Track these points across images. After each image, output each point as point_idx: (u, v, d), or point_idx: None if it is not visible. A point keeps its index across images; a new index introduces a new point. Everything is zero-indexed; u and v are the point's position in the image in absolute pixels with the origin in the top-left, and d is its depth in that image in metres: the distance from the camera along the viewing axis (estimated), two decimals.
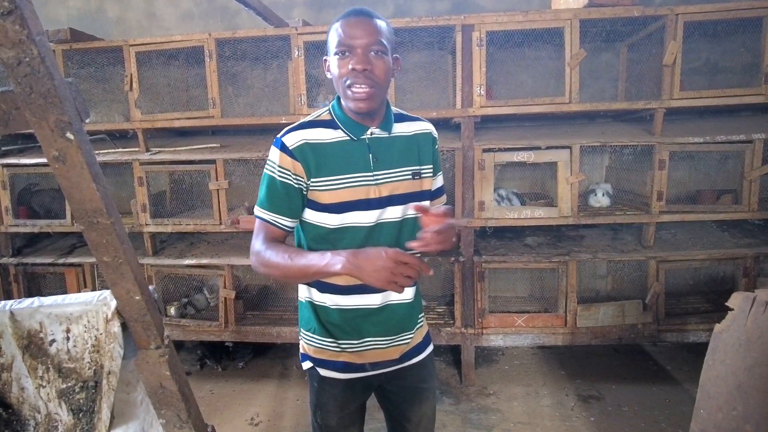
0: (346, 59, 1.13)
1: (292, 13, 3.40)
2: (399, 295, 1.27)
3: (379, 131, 1.24)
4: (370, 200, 1.20)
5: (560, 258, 2.82)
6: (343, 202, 1.19)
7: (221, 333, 3.04)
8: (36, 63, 0.76)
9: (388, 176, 1.23)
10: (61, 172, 0.85)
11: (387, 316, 1.28)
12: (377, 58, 1.14)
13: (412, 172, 1.26)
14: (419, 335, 1.38)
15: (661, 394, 2.77)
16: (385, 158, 1.23)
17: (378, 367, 1.32)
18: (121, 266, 0.96)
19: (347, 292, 1.26)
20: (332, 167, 1.19)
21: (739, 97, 2.65)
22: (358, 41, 1.12)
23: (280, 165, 1.19)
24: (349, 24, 1.13)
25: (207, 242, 3.37)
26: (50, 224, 3.12)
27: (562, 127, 3.09)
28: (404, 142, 1.27)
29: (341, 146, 1.21)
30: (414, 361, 1.36)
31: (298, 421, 2.65)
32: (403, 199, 1.24)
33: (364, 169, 1.21)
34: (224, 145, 3.13)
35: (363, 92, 1.14)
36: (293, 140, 1.18)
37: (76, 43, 2.95)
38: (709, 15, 2.58)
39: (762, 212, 2.71)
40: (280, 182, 1.19)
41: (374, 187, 1.21)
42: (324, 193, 1.20)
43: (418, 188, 1.27)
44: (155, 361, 1.05)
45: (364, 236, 1.22)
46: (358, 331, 1.29)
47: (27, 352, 1.10)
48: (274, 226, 1.23)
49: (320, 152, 1.19)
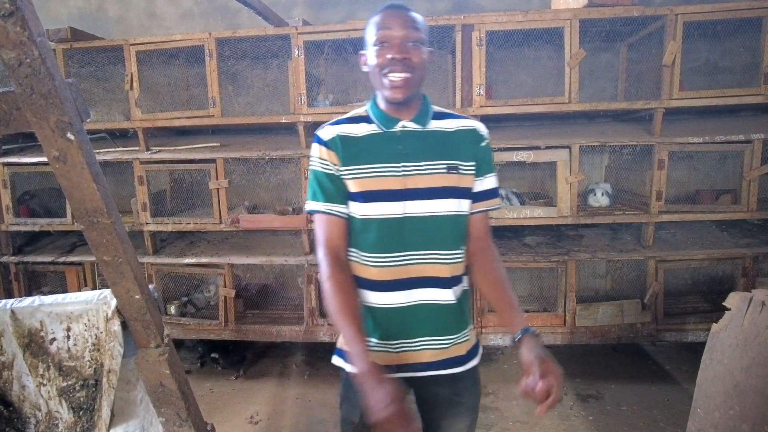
0: (385, 49, 1.17)
1: (292, 13, 3.40)
2: (434, 296, 1.24)
3: (413, 125, 1.25)
4: (394, 191, 1.21)
5: (559, 257, 2.82)
6: (368, 191, 1.21)
7: (221, 331, 3.05)
8: (37, 64, 0.77)
9: (416, 169, 1.22)
10: (62, 172, 0.86)
11: (418, 316, 1.24)
12: (414, 48, 1.17)
13: (448, 166, 1.23)
14: (463, 348, 1.31)
15: (659, 393, 2.78)
16: (416, 151, 1.23)
17: (405, 369, 1.26)
18: (121, 265, 0.97)
19: (375, 288, 1.25)
20: (361, 157, 1.23)
21: (738, 97, 2.65)
22: (396, 32, 1.16)
23: (320, 157, 1.25)
24: (388, 17, 1.18)
25: (207, 241, 3.38)
26: (51, 223, 3.13)
27: (562, 126, 3.10)
28: (442, 137, 1.26)
29: (371, 138, 1.25)
30: (451, 371, 1.29)
31: (298, 420, 2.65)
32: (433, 193, 1.22)
33: (392, 160, 1.22)
34: (224, 144, 3.14)
35: (399, 79, 1.17)
36: (328, 134, 1.25)
37: (77, 42, 2.96)
38: (709, 15, 2.58)
39: (761, 212, 2.71)
40: (323, 173, 1.24)
41: (400, 179, 1.21)
42: (351, 182, 1.23)
43: (456, 183, 1.24)
44: (155, 360, 1.06)
45: (395, 231, 1.21)
46: (387, 330, 1.26)
47: (28, 351, 1.11)
48: (332, 215, 1.24)
49: (351, 144, 1.23)
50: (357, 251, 1.26)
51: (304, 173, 2.85)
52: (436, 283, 1.24)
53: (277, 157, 2.91)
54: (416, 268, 1.23)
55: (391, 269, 1.22)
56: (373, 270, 1.23)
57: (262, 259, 3.00)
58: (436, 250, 1.23)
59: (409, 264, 1.23)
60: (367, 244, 1.23)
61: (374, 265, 1.23)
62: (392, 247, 1.22)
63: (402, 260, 1.22)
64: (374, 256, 1.23)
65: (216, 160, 2.90)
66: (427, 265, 1.23)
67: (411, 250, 1.22)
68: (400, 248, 1.22)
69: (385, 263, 1.22)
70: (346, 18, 3.40)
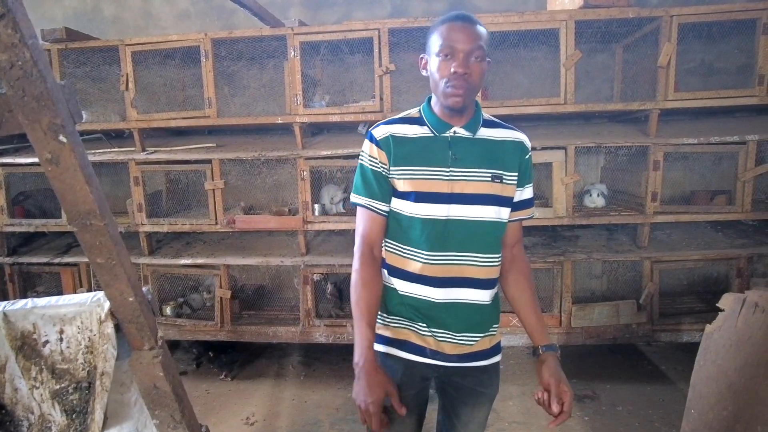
0: (449, 62, 1.20)
1: (288, 13, 3.39)
2: (471, 296, 1.31)
3: (464, 131, 1.29)
4: (441, 194, 1.26)
5: (555, 258, 2.83)
6: (417, 191, 1.26)
7: (217, 332, 3.04)
8: (28, 66, 0.77)
9: (464, 174, 1.26)
10: (55, 174, 0.86)
11: (453, 313, 1.31)
12: (476, 63, 1.21)
13: (492, 176, 1.28)
14: (488, 342, 1.39)
15: (655, 393, 2.79)
16: (465, 157, 1.27)
17: (438, 356, 1.32)
18: (114, 268, 0.96)
19: (414, 280, 1.31)
20: (411, 159, 1.27)
21: (733, 99, 2.66)
22: (461, 45, 1.19)
23: (370, 154, 1.30)
24: (455, 29, 1.21)
25: (203, 242, 3.37)
26: (46, 224, 3.12)
27: (558, 127, 3.10)
28: (489, 146, 1.30)
29: (423, 141, 1.29)
30: (477, 364, 1.36)
31: (294, 421, 2.65)
32: (476, 199, 1.27)
33: (442, 163, 1.26)
34: (220, 144, 3.13)
35: (459, 93, 1.21)
36: (381, 132, 1.29)
37: (72, 43, 2.95)
38: (704, 17, 2.59)
39: (755, 213, 2.72)
40: (370, 170, 1.30)
41: (447, 182, 1.26)
42: (400, 181, 1.28)
43: (499, 192, 1.29)
44: (149, 362, 1.05)
45: (439, 231, 1.27)
46: (422, 317, 1.32)
47: (20, 353, 1.10)
48: (371, 210, 1.30)
49: (403, 144, 1.28)
50: (402, 245, 1.32)
51: (300, 174, 2.85)
52: (473, 283, 1.31)
53: (273, 157, 2.91)
54: (456, 268, 1.29)
55: (433, 266, 1.28)
56: (416, 264, 1.29)
57: (259, 260, 3.00)
58: (476, 253, 1.30)
59: (450, 264, 1.29)
60: (413, 241, 1.29)
61: (417, 261, 1.29)
62: (435, 246, 1.27)
63: (444, 259, 1.28)
64: (418, 252, 1.29)
65: (212, 160, 2.90)
66: (466, 266, 1.30)
67: (453, 250, 1.28)
68: (443, 248, 1.28)
69: (427, 260, 1.28)
70: (343, 19, 3.40)
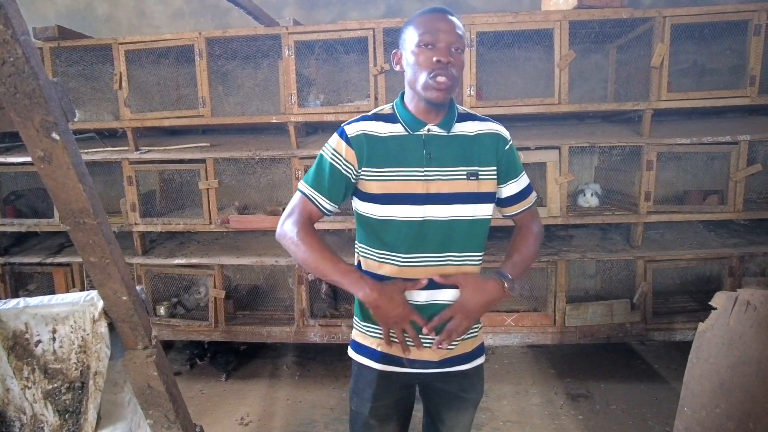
0: (431, 52, 1.16)
1: (283, 12, 3.39)
2: (448, 296, 1.27)
3: (437, 129, 1.25)
4: (417, 195, 1.22)
5: (549, 257, 2.84)
6: (389, 193, 1.22)
7: (211, 332, 3.03)
8: (21, 63, 0.76)
9: (440, 174, 1.23)
10: (47, 172, 0.85)
11: (433, 315, 1.25)
12: (457, 54, 1.18)
13: (468, 173, 1.25)
14: (469, 345, 1.34)
15: (648, 392, 2.81)
16: (441, 156, 1.23)
17: (416, 365, 1.29)
18: (107, 267, 0.96)
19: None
20: (384, 159, 1.23)
21: (725, 99, 2.68)
22: (442, 36, 1.16)
23: (335, 149, 1.24)
24: (434, 20, 1.18)
25: (197, 242, 3.35)
26: (38, 223, 3.09)
27: (552, 127, 3.11)
28: (464, 142, 1.27)
29: (396, 140, 1.24)
30: (458, 368, 1.33)
31: (289, 421, 2.64)
32: (453, 198, 1.24)
33: (417, 163, 1.22)
34: (214, 144, 3.12)
35: (444, 83, 1.17)
36: (354, 130, 1.24)
37: (65, 41, 2.92)
38: (696, 18, 2.61)
39: (747, 212, 2.75)
40: (329, 164, 1.24)
41: (423, 183, 1.22)
42: (372, 183, 1.23)
43: (475, 189, 1.26)
44: (143, 362, 1.05)
45: (414, 233, 1.23)
46: None
47: (12, 353, 1.09)
48: (312, 202, 1.26)
49: (375, 143, 1.23)
50: (376, 250, 1.28)
51: (294, 173, 2.84)
52: (452, 284, 1.26)
53: (267, 157, 2.90)
54: (435, 269, 1.25)
55: (411, 269, 1.25)
56: (392, 268, 1.26)
57: (253, 260, 2.99)
58: (454, 252, 1.26)
59: (429, 265, 1.25)
60: (387, 244, 1.25)
61: (394, 264, 1.25)
62: (412, 248, 1.24)
63: (421, 261, 1.25)
64: (394, 255, 1.25)
65: (206, 160, 2.89)
66: (443, 267, 1.26)
67: (430, 251, 1.25)
68: (420, 249, 1.25)
69: (404, 263, 1.25)
70: (337, 18, 3.39)
